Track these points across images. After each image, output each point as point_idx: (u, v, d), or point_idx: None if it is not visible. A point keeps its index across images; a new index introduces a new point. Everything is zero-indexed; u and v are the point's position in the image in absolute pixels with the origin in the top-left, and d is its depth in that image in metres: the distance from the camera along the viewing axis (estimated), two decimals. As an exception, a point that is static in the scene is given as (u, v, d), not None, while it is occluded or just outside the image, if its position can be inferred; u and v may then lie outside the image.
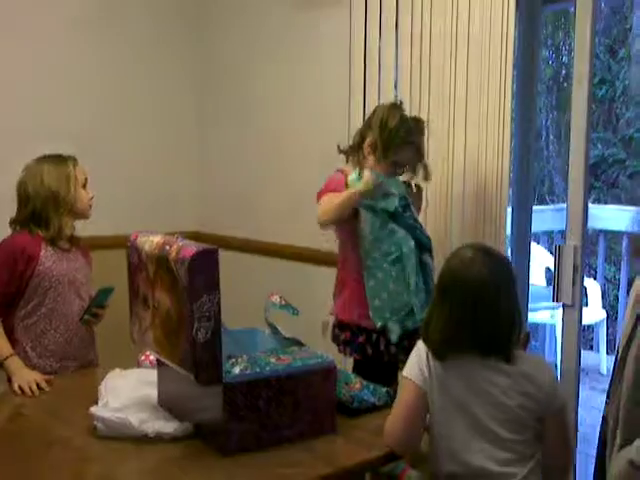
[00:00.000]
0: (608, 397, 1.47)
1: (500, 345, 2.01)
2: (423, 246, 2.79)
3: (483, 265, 2.03)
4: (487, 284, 2.01)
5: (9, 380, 2.54)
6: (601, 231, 6.12)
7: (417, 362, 2.06)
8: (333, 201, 2.73)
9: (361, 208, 2.72)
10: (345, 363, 2.84)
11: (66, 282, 2.74)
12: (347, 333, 2.81)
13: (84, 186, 2.80)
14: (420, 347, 2.09)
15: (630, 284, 1.56)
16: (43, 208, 2.70)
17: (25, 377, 2.49)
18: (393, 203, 2.73)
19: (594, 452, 1.79)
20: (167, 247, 1.91)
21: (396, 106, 2.87)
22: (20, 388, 2.45)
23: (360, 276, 2.76)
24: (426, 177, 2.86)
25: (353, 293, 2.80)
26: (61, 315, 2.74)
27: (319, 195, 2.82)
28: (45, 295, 2.70)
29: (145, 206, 4.06)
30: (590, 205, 6.41)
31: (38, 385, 2.46)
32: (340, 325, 2.84)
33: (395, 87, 3.26)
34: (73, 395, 2.39)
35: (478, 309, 2.00)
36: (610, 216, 6.09)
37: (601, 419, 1.51)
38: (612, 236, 6.46)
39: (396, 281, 2.71)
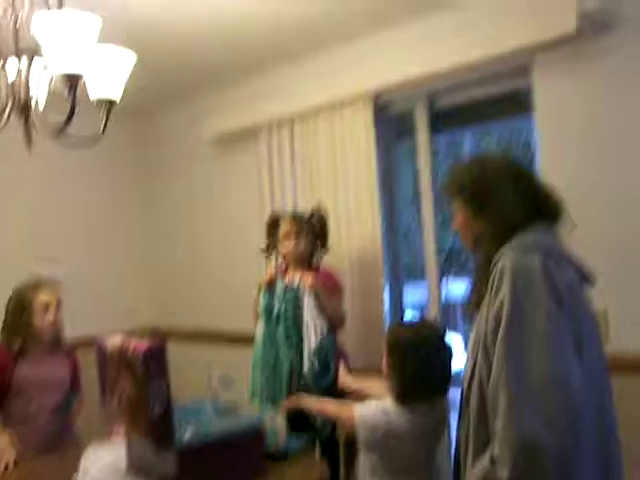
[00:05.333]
0: (459, 421, 1.48)
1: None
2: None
3: (430, 329, 1.92)
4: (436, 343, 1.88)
5: None
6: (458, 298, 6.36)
7: (375, 412, 1.86)
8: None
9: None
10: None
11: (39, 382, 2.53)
12: None
13: (46, 310, 2.51)
14: (384, 407, 1.87)
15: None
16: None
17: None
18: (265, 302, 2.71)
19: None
20: (125, 345, 1.88)
21: (274, 212, 2.98)
22: None
23: None
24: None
25: None
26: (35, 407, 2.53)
27: None
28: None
29: (118, 310, 4.04)
30: (451, 280, 6.62)
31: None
32: None
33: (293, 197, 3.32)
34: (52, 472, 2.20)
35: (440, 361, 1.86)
36: (462, 288, 6.29)
37: (455, 441, 1.52)
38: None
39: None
